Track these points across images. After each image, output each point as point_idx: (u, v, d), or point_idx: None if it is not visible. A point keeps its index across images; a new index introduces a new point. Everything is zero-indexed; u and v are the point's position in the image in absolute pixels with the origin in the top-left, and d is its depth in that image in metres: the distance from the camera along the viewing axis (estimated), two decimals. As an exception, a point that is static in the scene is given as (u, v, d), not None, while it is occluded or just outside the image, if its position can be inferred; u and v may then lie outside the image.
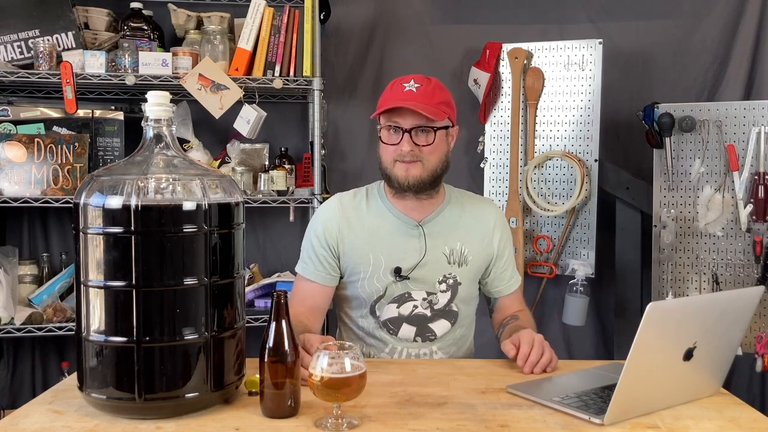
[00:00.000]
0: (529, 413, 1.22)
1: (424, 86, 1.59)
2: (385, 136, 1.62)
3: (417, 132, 1.59)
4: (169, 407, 1.18)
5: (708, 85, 2.78)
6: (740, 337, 1.34)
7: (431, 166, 1.61)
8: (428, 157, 1.60)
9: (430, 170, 1.61)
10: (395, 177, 1.62)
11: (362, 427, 1.16)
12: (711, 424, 1.19)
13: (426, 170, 1.60)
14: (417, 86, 1.59)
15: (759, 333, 2.37)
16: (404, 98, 1.58)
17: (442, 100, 1.61)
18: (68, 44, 2.39)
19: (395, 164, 1.61)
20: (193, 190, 1.19)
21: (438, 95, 1.60)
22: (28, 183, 2.35)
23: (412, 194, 1.64)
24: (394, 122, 1.59)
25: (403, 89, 1.59)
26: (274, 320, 1.18)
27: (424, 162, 1.60)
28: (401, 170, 1.60)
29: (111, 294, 1.16)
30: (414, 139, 1.58)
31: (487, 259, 1.73)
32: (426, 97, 1.57)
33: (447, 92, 1.65)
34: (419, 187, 1.61)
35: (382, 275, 1.66)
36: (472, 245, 1.70)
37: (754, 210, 2.37)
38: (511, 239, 1.80)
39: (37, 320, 2.34)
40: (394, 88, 1.62)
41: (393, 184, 1.63)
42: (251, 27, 2.42)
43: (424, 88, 1.59)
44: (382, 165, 1.65)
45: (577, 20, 2.81)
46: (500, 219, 1.77)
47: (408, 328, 1.68)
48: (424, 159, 1.60)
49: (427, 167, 1.60)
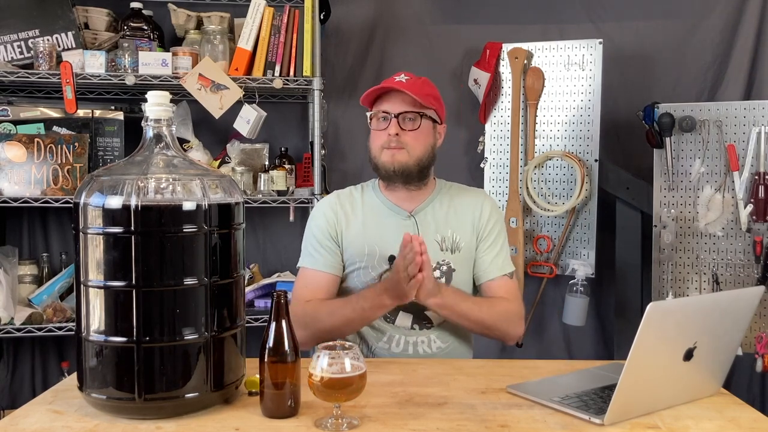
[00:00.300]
0: (529, 413, 1.22)
1: (413, 79, 1.69)
2: (374, 123, 1.70)
3: (404, 118, 1.66)
4: (169, 407, 1.18)
5: (708, 85, 2.78)
6: (740, 337, 1.34)
7: (417, 154, 1.67)
8: (413, 144, 1.66)
9: (416, 158, 1.67)
10: (382, 164, 1.68)
11: (362, 427, 1.16)
12: (711, 424, 1.19)
13: (412, 157, 1.67)
14: (407, 78, 1.68)
15: (759, 333, 2.37)
16: (393, 84, 1.66)
17: (431, 93, 1.70)
18: (68, 44, 2.39)
19: (382, 151, 1.68)
20: (193, 190, 1.19)
21: (427, 88, 1.70)
22: (28, 183, 2.35)
23: (401, 184, 1.70)
24: (383, 110, 1.67)
25: (393, 80, 1.68)
26: (274, 320, 1.18)
27: (409, 150, 1.66)
28: (387, 156, 1.67)
29: (111, 294, 1.16)
30: (401, 124, 1.65)
31: (476, 244, 1.75)
32: (415, 87, 1.66)
33: (436, 90, 1.74)
34: (405, 174, 1.67)
35: (377, 264, 1.70)
36: (463, 231, 1.73)
37: (754, 210, 2.37)
38: (501, 226, 1.78)
39: (37, 320, 2.34)
40: (385, 81, 1.71)
41: (381, 172, 1.70)
42: (251, 27, 2.42)
43: (414, 80, 1.68)
44: (371, 155, 1.72)
45: (577, 20, 2.81)
46: (489, 206, 1.78)
47: (405, 316, 1.70)
48: (409, 146, 1.66)
49: (412, 155, 1.66)
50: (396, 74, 1.70)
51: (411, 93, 1.63)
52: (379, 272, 1.70)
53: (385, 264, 1.69)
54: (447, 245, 1.72)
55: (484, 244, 1.75)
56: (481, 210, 1.76)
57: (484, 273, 1.74)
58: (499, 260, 1.74)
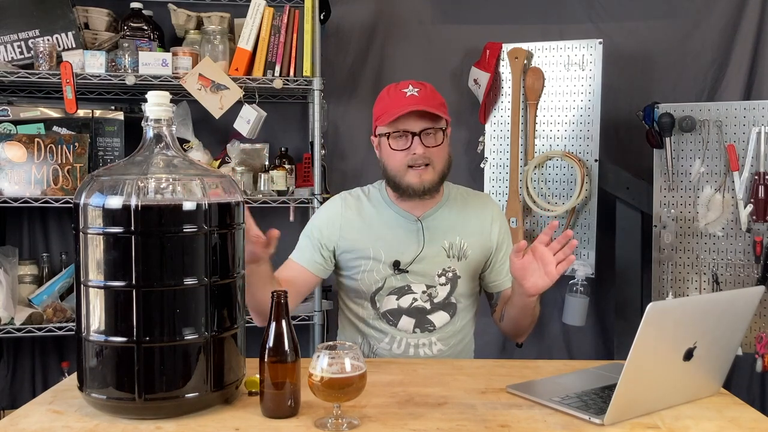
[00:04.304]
0: (529, 413, 1.22)
1: (422, 90, 1.64)
2: (393, 143, 1.64)
3: (425, 134, 1.62)
4: (169, 407, 1.18)
5: (708, 85, 2.78)
6: (740, 337, 1.34)
7: (440, 168, 1.66)
8: (437, 160, 1.64)
9: (440, 172, 1.66)
10: (407, 184, 1.64)
11: (362, 427, 1.16)
12: (711, 424, 1.19)
13: (436, 172, 1.65)
14: (417, 90, 1.63)
15: (759, 333, 2.37)
16: (409, 103, 1.61)
17: (440, 101, 1.67)
18: (68, 44, 2.39)
19: (408, 171, 1.63)
20: (193, 190, 1.19)
21: (437, 97, 1.67)
22: (28, 183, 2.35)
23: (419, 197, 1.66)
24: (402, 128, 1.62)
25: (405, 95, 1.63)
26: (274, 320, 1.18)
27: (434, 165, 1.64)
28: (415, 177, 1.63)
29: (111, 294, 1.16)
30: (423, 141, 1.62)
31: (486, 254, 1.75)
32: (428, 100, 1.62)
33: (440, 95, 1.71)
34: (432, 191, 1.66)
35: (382, 268, 1.69)
36: (472, 240, 1.73)
37: (754, 210, 2.37)
38: (509, 233, 1.82)
39: (37, 320, 2.34)
40: (393, 95, 1.65)
41: (405, 191, 1.65)
42: (251, 27, 2.42)
43: (424, 92, 1.64)
44: (390, 173, 1.67)
45: (577, 20, 2.81)
46: (498, 213, 1.80)
47: (407, 320, 1.70)
48: (434, 162, 1.64)
49: (437, 170, 1.65)
50: (402, 85, 1.65)
51: (428, 108, 1.59)
52: (383, 276, 1.69)
53: (389, 268, 1.69)
54: (454, 252, 1.71)
55: (499, 253, 1.76)
56: (491, 220, 1.77)
57: (505, 280, 1.77)
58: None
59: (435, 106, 1.61)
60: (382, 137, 1.66)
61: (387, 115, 1.62)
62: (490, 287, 1.79)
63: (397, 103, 1.62)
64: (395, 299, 1.70)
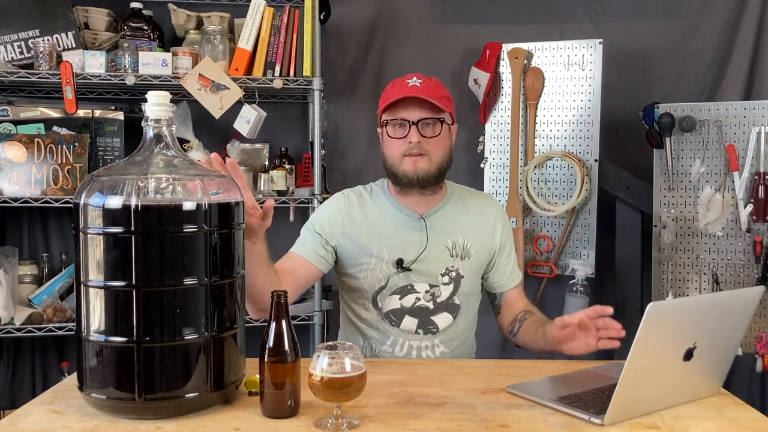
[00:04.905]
0: (529, 413, 1.22)
1: (426, 82, 1.65)
2: (391, 131, 1.65)
3: (423, 124, 1.62)
4: (169, 407, 1.17)
5: (708, 85, 2.78)
6: (740, 337, 1.34)
7: (437, 160, 1.65)
8: (434, 151, 1.64)
9: (437, 163, 1.65)
10: (403, 172, 1.64)
11: (362, 427, 1.16)
12: (711, 424, 1.19)
13: (433, 164, 1.64)
14: (420, 81, 1.64)
15: (759, 333, 2.37)
16: (410, 92, 1.62)
17: (444, 94, 1.67)
18: (68, 44, 2.39)
19: (403, 159, 1.64)
20: (193, 190, 1.19)
21: (440, 90, 1.67)
22: (28, 183, 2.35)
23: (418, 189, 1.66)
24: (401, 116, 1.63)
25: (407, 85, 1.64)
26: (274, 320, 1.18)
27: (430, 156, 1.63)
28: (409, 164, 1.63)
29: (111, 294, 1.16)
30: (421, 131, 1.62)
31: (489, 254, 1.75)
32: (430, 91, 1.62)
33: (447, 90, 1.70)
34: (426, 181, 1.64)
35: (385, 266, 1.68)
36: (475, 239, 1.73)
37: (754, 210, 2.37)
38: (511, 233, 1.82)
39: (37, 320, 2.34)
40: (397, 85, 1.66)
41: (400, 180, 1.65)
42: (251, 27, 2.42)
43: (427, 83, 1.64)
44: (387, 162, 1.68)
45: (577, 20, 2.81)
46: (500, 213, 1.81)
47: (410, 320, 1.69)
48: (431, 152, 1.63)
49: (433, 161, 1.64)
50: (407, 77, 1.66)
51: (428, 98, 1.60)
52: (386, 275, 1.69)
53: (392, 267, 1.68)
54: (457, 252, 1.71)
55: (502, 254, 1.77)
56: (495, 220, 1.77)
57: (507, 282, 1.78)
58: (516, 268, 1.80)
59: (436, 97, 1.61)
60: (384, 127, 1.67)
61: (387, 100, 1.64)
62: (493, 288, 1.79)
63: (398, 92, 1.63)
64: (398, 299, 1.69)
